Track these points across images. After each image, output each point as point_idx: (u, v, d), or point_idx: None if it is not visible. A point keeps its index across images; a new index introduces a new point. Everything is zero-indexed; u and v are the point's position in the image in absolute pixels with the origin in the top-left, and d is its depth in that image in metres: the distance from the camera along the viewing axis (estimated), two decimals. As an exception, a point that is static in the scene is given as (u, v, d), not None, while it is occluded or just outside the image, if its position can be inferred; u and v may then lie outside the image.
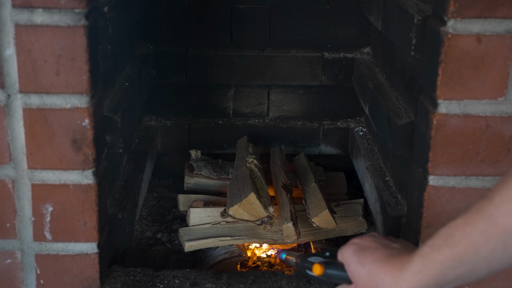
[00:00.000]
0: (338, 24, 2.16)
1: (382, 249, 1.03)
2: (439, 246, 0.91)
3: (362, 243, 1.08)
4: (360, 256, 1.04)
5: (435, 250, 0.91)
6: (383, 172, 1.86)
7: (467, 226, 0.88)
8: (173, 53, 2.13)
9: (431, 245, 0.93)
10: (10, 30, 1.21)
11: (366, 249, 1.05)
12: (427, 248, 0.93)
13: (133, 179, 1.75)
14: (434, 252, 0.91)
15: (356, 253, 1.06)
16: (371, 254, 1.03)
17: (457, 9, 1.23)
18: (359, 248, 1.06)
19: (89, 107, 1.27)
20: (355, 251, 1.06)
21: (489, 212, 0.86)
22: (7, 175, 1.30)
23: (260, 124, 2.24)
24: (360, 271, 1.03)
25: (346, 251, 1.09)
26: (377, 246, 1.05)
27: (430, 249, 0.92)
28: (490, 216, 0.86)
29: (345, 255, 1.08)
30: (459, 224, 0.90)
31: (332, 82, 2.20)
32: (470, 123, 1.30)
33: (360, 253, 1.05)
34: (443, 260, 0.90)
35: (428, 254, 0.92)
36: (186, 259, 1.75)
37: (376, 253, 1.03)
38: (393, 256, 1.00)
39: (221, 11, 2.13)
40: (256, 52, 2.16)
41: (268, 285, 1.44)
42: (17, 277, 1.37)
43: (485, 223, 0.86)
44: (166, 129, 2.21)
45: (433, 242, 0.93)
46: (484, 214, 0.86)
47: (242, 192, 1.70)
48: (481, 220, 0.87)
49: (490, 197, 0.86)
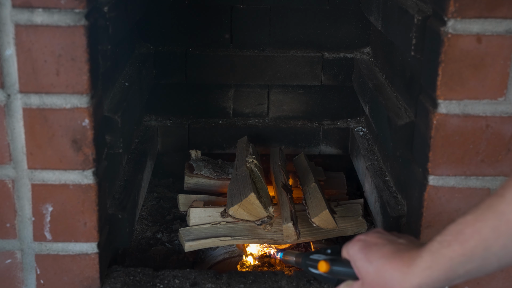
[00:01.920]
0: (338, 24, 2.16)
1: (389, 245, 1.04)
2: (449, 242, 0.92)
3: (368, 239, 1.08)
4: (367, 253, 1.05)
5: (445, 246, 0.92)
6: (383, 172, 1.86)
7: (477, 223, 0.89)
8: (173, 53, 2.13)
9: (441, 241, 0.93)
10: (10, 30, 1.21)
11: (373, 246, 1.05)
12: (436, 244, 0.94)
13: (133, 179, 1.75)
14: (444, 248, 0.92)
15: (363, 249, 1.06)
16: (378, 250, 1.04)
17: (457, 9, 1.23)
18: (366, 244, 1.07)
19: (89, 107, 1.27)
20: (362, 247, 1.07)
21: (500, 209, 0.87)
22: (7, 175, 1.30)
23: (260, 124, 2.24)
24: (367, 268, 1.03)
25: (352, 248, 1.09)
26: (383, 242, 1.06)
27: (440, 245, 0.93)
28: (501, 213, 0.87)
29: (351, 252, 1.08)
30: (469, 220, 0.91)
31: (332, 82, 2.20)
32: (470, 123, 1.30)
33: (367, 249, 1.05)
34: (453, 256, 0.91)
35: (437, 250, 0.93)
36: (186, 259, 1.75)
37: (384, 249, 1.03)
38: (401, 252, 1.00)
39: (221, 11, 2.13)
40: (256, 52, 2.16)
41: (268, 285, 1.44)
42: (17, 277, 1.37)
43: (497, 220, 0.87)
44: (166, 129, 2.21)
45: (442, 238, 0.93)
46: (495, 211, 0.88)
47: (242, 192, 1.70)
48: (492, 216, 0.88)
49: (501, 194, 0.88)
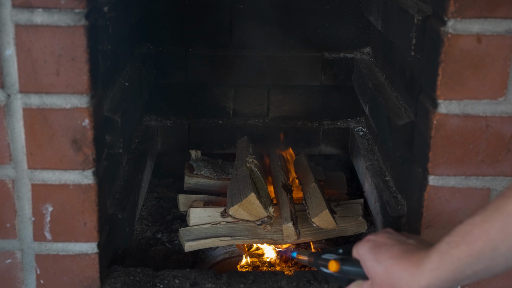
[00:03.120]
0: (338, 24, 2.16)
1: (398, 246, 1.04)
2: (457, 243, 0.92)
3: (377, 239, 1.09)
4: (377, 253, 1.05)
5: (453, 247, 0.93)
6: (383, 172, 1.86)
7: (485, 224, 0.90)
8: (173, 53, 2.13)
9: (449, 242, 0.94)
10: (10, 30, 1.20)
11: (382, 246, 1.06)
12: (444, 245, 0.94)
13: (133, 179, 1.75)
14: (452, 249, 0.93)
15: (372, 250, 1.07)
16: (387, 250, 1.04)
17: (457, 9, 1.23)
18: (375, 245, 1.07)
19: (89, 107, 1.27)
20: (371, 248, 1.07)
21: (508, 210, 0.88)
22: (7, 175, 1.30)
23: (260, 124, 2.24)
24: (376, 268, 1.04)
25: (362, 248, 1.10)
26: (393, 242, 1.06)
27: (448, 246, 0.94)
28: (509, 214, 0.87)
29: (361, 252, 1.09)
30: (476, 221, 0.91)
31: (332, 82, 2.20)
32: (470, 123, 1.30)
33: (376, 249, 1.06)
34: (461, 257, 0.92)
35: (446, 251, 0.94)
36: (186, 259, 1.75)
37: (393, 249, 1.04)
38: (410, 252, 1.01)
39: (221, 11, 2.13)
40: (256, 52, 2.16)
41: (268, 285, 1.44)
42: (17, 277, 1.37)
43: (504, 221, 0.88)
44: (166, 129, 2.21)
45: (450, 239, 0.94)
46: (502, 212, 0.88)
47: (242, 192, 1.70)
48: (499, 218, 0.88)
49: (509, 195, 0.88)
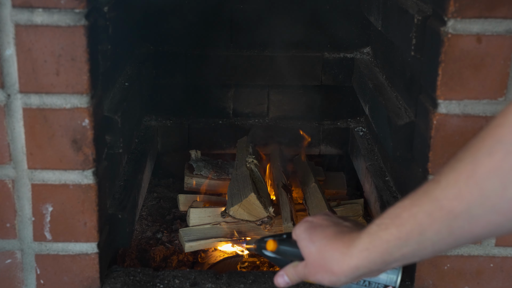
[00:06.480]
0: (338, 24, 2.15)
1: (333, 227, 1.06)
2: (387, 225, 0.92)
3: (314, 221, 1.10)
4: (311, 233, 1.07)
5: (383, 229, 0.93)
6: (383, 172, 1.86)
7: (413, 207, 0.89)
8: (173, 53, 2.13)
9: (379, 224, 0.94)
10: (10, 30, 1.20)
11: (318, 227, 1.08)
12: (375, 226, 0.95)
13: (133, 179, 1.75)
14: (381, 231, 0.93)
15: (308, 230, 1.08)
16: (322, 231, 1.06)
17: (457, 9, 1.23)
18: (311, 225, 1.09)
19: (89, 107, 1.27)
20: (307, 228, 1.09)
21: (435, 195, 0.87)
22: (7, 175, 1.30)
23: (260, 124, 2.24)
24: (310, 248, 1.05)
25: (298, 228, 1.11)
26: (328, 224, 1.08)
27: (378, 228, 0.94)
28: (436, 199, 0.86)
29: (297, 231, 1.11)
30: (406, 205, 0.91)
31: (332, 82, 2.20)
32: (470, 123, 1.30)
33: (312, 230, 1.07)
34: (389, 239, 0.92)
35: (375, 233, 0.94)
36: (186, 259, 1.75)
37: (327, 230, 1.05)
38: (343, 233, 1.02)
39: (221, 11, 2.13)
40: (256, 52, 2.16)
41: (268, 285, 1.44)
42: (17, 277, 1.37)
43: (431, 205, 0.87)
44: (166, 129, 2.21)
45: (381, 221, 0.94)
46: (430, 196, 0.87)
47: (242, 192, 1.70)
48: (427, 202, 0.87)
49: (437, 180, 0.87)
